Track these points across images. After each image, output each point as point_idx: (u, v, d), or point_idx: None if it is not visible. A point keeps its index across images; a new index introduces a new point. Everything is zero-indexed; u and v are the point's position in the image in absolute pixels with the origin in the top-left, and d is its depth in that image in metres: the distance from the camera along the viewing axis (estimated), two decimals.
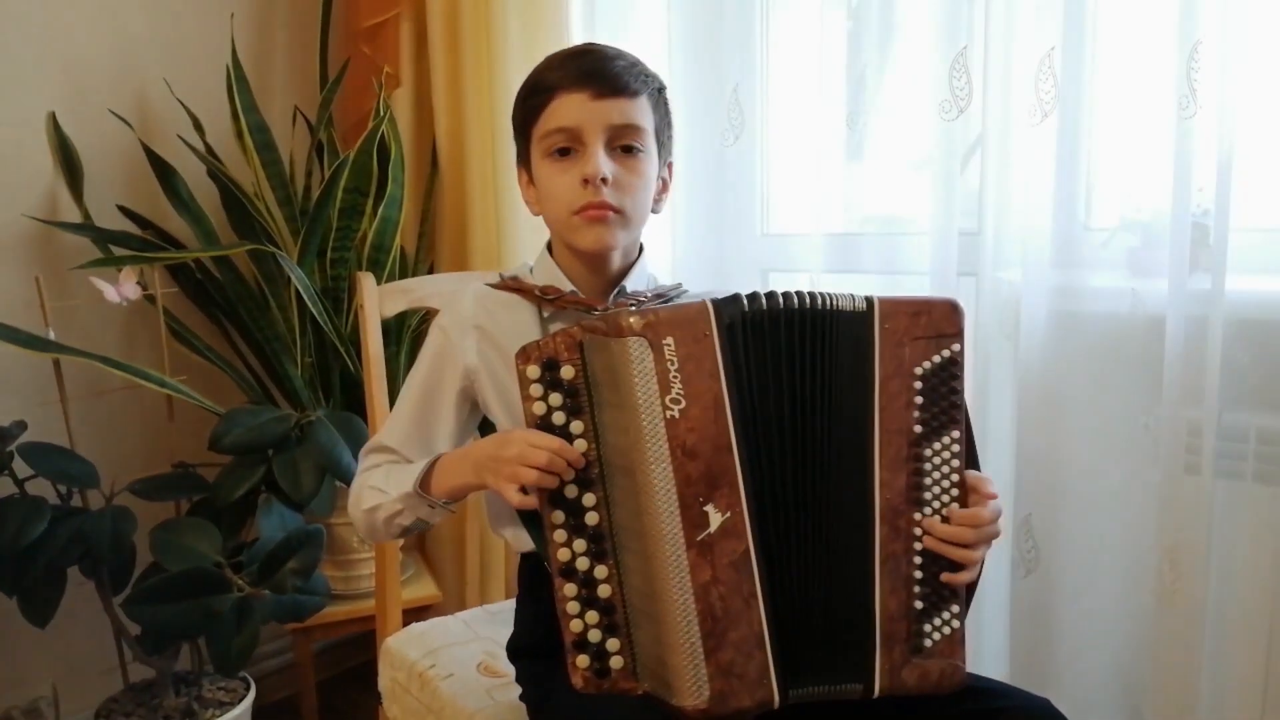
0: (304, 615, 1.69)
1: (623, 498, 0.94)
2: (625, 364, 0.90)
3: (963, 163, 1.46)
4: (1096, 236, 1.43)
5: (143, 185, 1.91)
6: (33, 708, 1.84)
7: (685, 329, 0.91)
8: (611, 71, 1.05)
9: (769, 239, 1.80)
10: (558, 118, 1.05)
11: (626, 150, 1.07)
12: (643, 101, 1.07)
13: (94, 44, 1.88)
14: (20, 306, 1.75)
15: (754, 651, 0.92)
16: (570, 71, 1.05)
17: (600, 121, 1.04)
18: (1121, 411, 1.39)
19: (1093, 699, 1.44)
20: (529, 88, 1.10)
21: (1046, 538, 1.44)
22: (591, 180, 1.04)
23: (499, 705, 1.22)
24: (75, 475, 1.61)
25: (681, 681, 0.90)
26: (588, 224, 1.06)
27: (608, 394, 0.93)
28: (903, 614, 0.96)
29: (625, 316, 0.91)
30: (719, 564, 0.91)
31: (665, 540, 0.90)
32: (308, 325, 1.91)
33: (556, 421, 0.94)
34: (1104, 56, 1.39)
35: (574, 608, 0.95)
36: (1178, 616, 1.29)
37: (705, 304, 0.93)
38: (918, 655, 0.96)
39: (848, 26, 1.60)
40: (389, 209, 1.93)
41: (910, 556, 0.97)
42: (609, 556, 0.95)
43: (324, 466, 1.64)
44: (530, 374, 0.94)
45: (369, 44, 2.11)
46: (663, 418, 0.90)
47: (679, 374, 0.91)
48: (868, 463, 0.96)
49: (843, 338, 0.97)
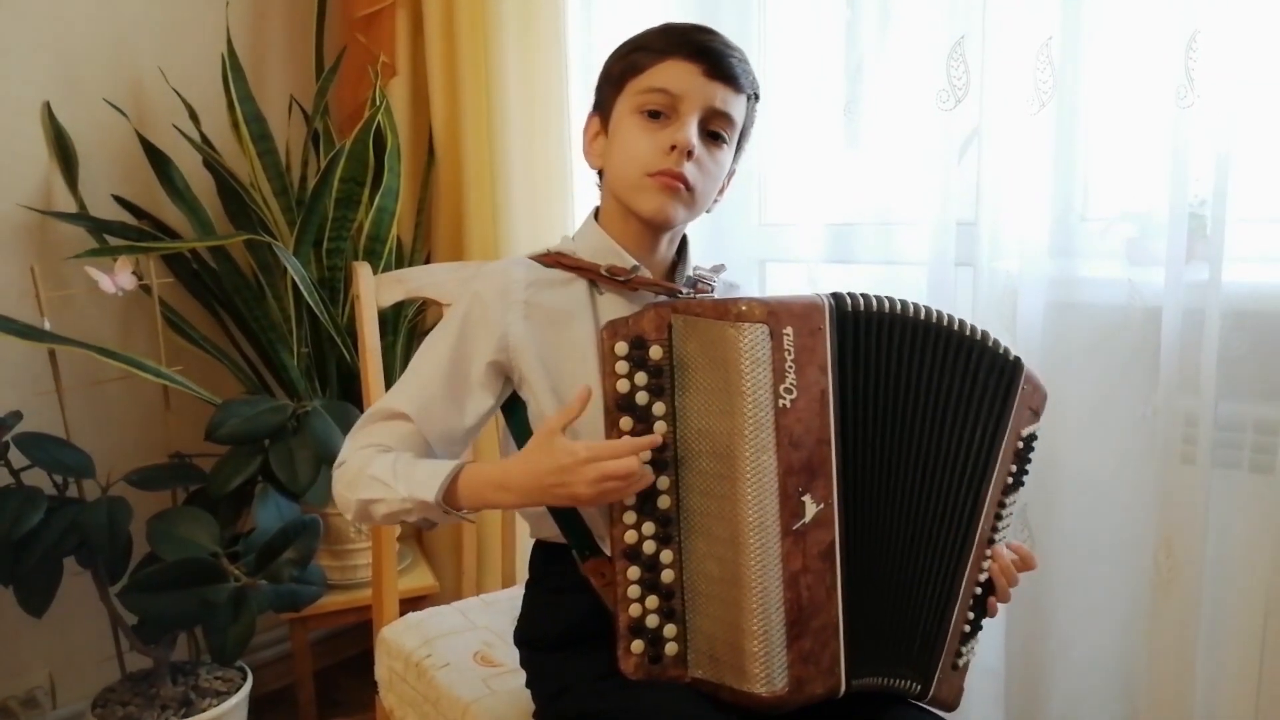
0: (300, 605, 1.69)
1: (706, 483, 0.94)
2: (736, 349, 0.90)
3: (960, 153, 1.45)
4: (1094, 227, 1.43)
5: (138, 175, 1.91)
6: (29, 697, 1.84)
7: (803, 321, 0.93)
8: (729, 58, 1.04)
9: (766, 228, 1.80)
10: (664, 79, 1.03)
11: (713, 136, 1.06)
12: (742, 99, 1.07)
13: (89, 33, 1.87)
14: (15, 296, 1.75)
15: (830, 640, 0.94)
16: (690, 42, 1.04)
17: (703, 98, 1.03)
18: (1118, 401, 1.39)
19: (1087, 687, 1.45)
20: (640, 43, 1.07)
21: (1042, 527, 1.45)
22: (681, 148, 1.02)
23: (495, 695, 1.22)
24: (71, 465, 1.61)
25: (755, 667, 0.91)
26: (659, 189, 1.03)
27: (700, 377, 0.93)
28: (959, 634, 1.03)
29: (740, 303, 0.92)
30: (810, 553, 0.93)
31: (757, 527, 0.91)
32: (304, 315, 1.90)
33: (639, 401, 0.94)
34: (1101, 46, 1.39)
35: (635, 591, 0.95)
36: (1173, 606, 1.30)
37: (820, 298, 0.95)
38: (952, 672, 1.04)
39: (845, 16, 1.60)
40: (385, 199, 1.93)
41: (975, 587, 1.04)
42: (675, 541, 0.95)
43: (321, 457, 1.64)
44: (618, 350, 0.94)
45: (365, 33, 2.10)
46: (773, 406, 0.91)
47: (794, 364, 0.92)
48: (980, 496, 1.02)
49: (971, 367, 1.01)
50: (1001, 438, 1.03)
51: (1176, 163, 1.25)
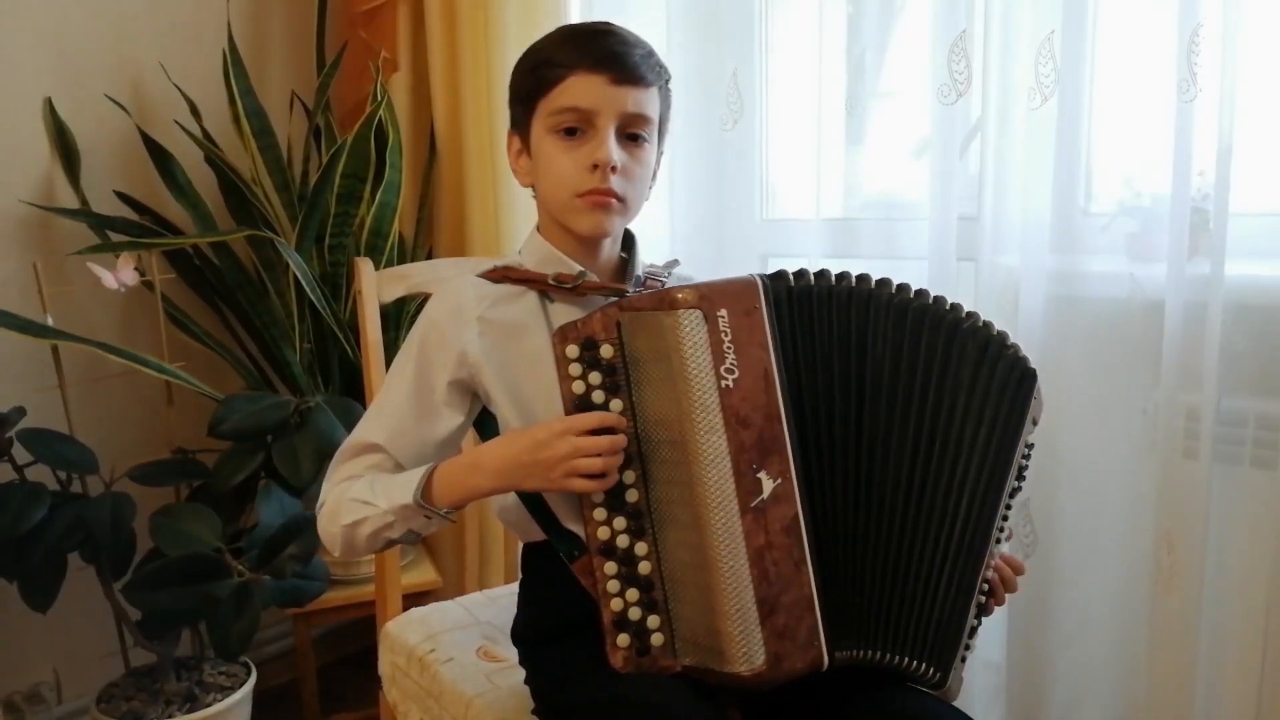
0: (304, 600, 1.70)
1: (668, 472, 0.95)
2: (676, 337, 0.92)
3: (962, 147, 1.45)
4: (1096, 221, 1.42)
5: (140, 171, 1.91)
6: (34, 693, 1.85)
7: (737, 301, 0.94)
8: (632, 59, 1.03)
9: (768, 224, 1.80)
10: (572, 96, 1.03)
11: (632, 139, 1.06)
12: (654, 92, 1.06)
13: (90, 29, 1.87)
14: (18, 292, 1.75)
15: (804, 614, 0.94)
16: (591, 52, 1.03)
17: (615, 107, 1.03)
18: (1120, 396, 1.39)
19: (1088, 681, 1.45)
20: (542, 58, 1.06)
21: (1044, 522, 1.45)
22: (603, 166, 1.02)
23: (499, 689, 1.22)
24: (74, 461, 1.61)
25: (734, 648, 0.92)
26: (590, 209, 1.04)
27: (650, 370, 0.95)
28: (969, 630, 1.03)
29: (675, 291, 0.93)
30: (772, 529, 0.93)
31: (718, 507, 0.92)
32: (306, 311, 1.90)
33: (596, 400, 0.96)
34: (1104, 40, 1.39)
35: (614, 586, 0.96)
36: (1174, 601, 1.30)
37: (753, 278, 0.96)
38: (960, 664, 1.04)
39: (847, 10, 1.59)
40: (387, 194, 1.93)
41: (984, 584, 1.03)
42: (648, 533, 0.96)
43: (323, 452, 1.64)
44: (570, 354, 0.95)
45: (366, 28, 2.10)
46: (717, 388, 0.92)
47: (732, 345, 0.93)
48: (1000, 496, 1.01)
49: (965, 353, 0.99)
50: (1019, 440, 1.01)
51: (1179, 156, 1.24)
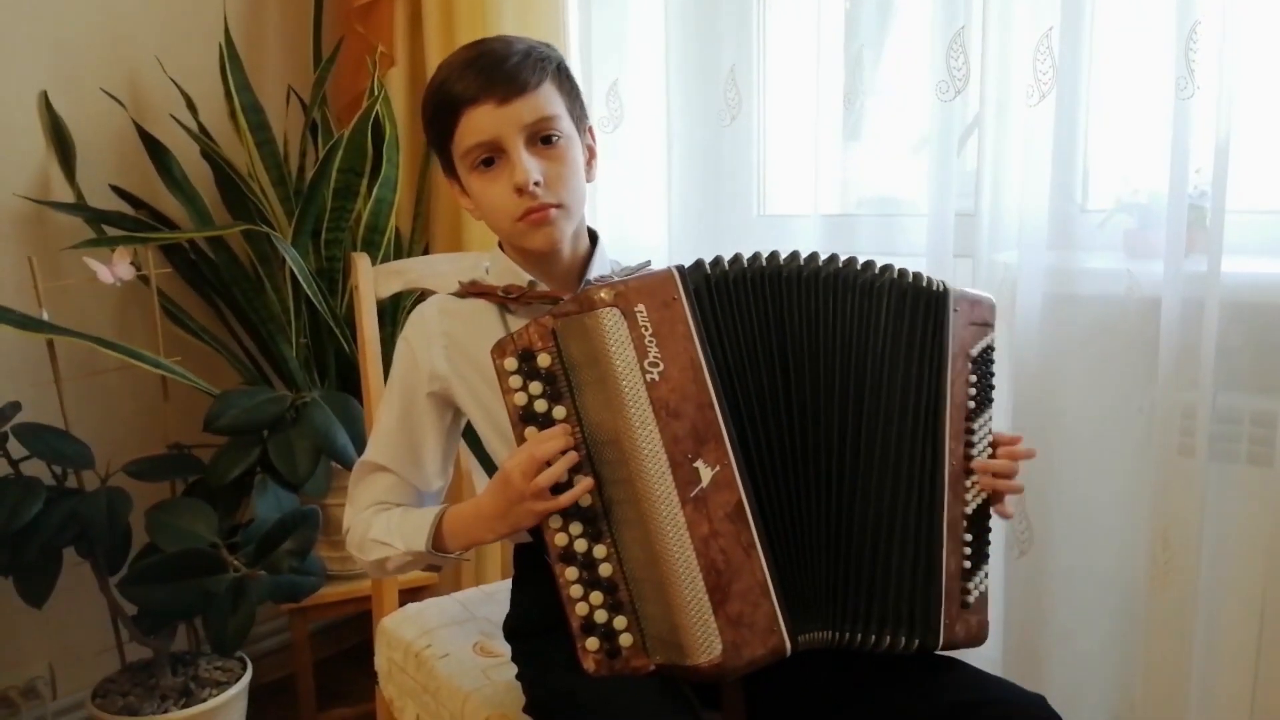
0: (300, 596, 1.69)
1: (613, 471, 0.95)
2: (601, 337, 0.93)
3: (960, 144, 1.45)
4: (1093, 218, 1.43)
5: (135, 165, 1.90)
6: (30, 688, 1.84)
7: (653, 295, 0.94)
8: (510, 71, 1.03)
9: (766, 220, 1.80)
10: (472, 133, 1.04)
11: (546, 141, 1.06)
12: (548, 89, 1.06)
13: (85, 22, 1.86)
14: (13, 287, 1.74)
15: (760, 600, 0.94)
16: (470, 82, 1.03)
17: (514, 125, 1.03)
18: (1116, 393, 1.39)
19: (1085, 679, 1.45)
20: (435, 105, 1.07)
21: (1041, 519, 1.45)
22: (523, 188, 1.03)
23: (495, 685, 1.22)
24: (70, 456, 1.61)
25: (692, 640, 0.91)
26: (533, 228, 1.06)
27: (586, 373, 0.95)
28: (957, 574, 1.02)
29: (594, 292, 0.94)
30: (715, 516, 0.93)
31: (660, 501, 0.92)
32: (302, 306, 1.90)
33: (538, 410, 0.96)
34: (1102, 37, 1.39)
35: (577, 591, 0.95)
36: (1170, 597, 1.30)
37: (670, 270, 0.96)
38: (965, 611, 1.02)
39: (845, 6, 1.59)
40: (384, 189, 1.92)
41: (961, 521, 1.03)
42: (605, 535, 0.96)
43: (319, 447, 1.64)
44: (508, 366, 0.96)
45: (362, 22, 2.09)
46: (643, 382, 0.92)
47: (654, 338, 0.93)
48: (939, 433, 1.02)
49: (891, 307, 1.00)
50: (944, 367, 1.02)
51: (1176, 154, 1.25)
